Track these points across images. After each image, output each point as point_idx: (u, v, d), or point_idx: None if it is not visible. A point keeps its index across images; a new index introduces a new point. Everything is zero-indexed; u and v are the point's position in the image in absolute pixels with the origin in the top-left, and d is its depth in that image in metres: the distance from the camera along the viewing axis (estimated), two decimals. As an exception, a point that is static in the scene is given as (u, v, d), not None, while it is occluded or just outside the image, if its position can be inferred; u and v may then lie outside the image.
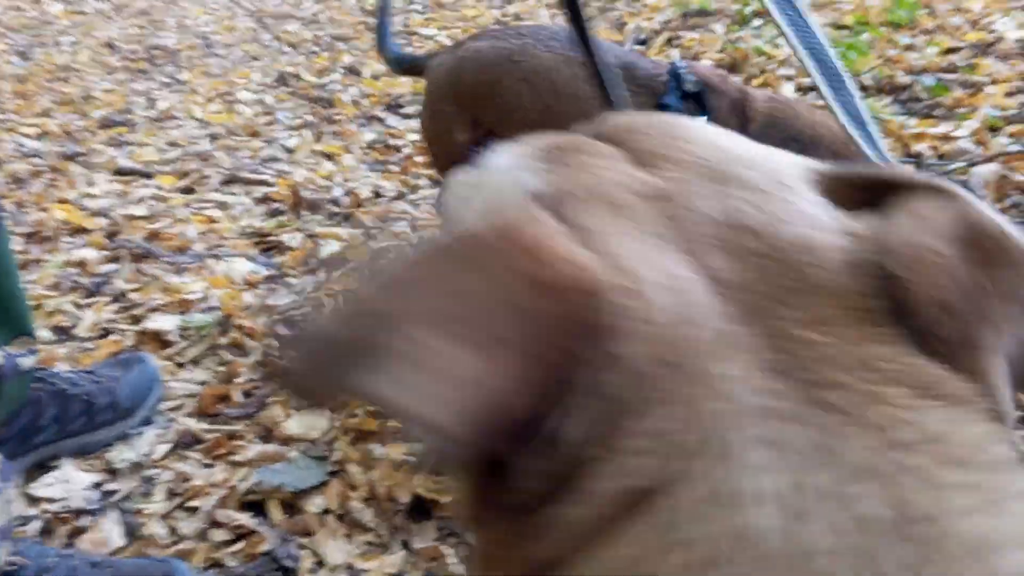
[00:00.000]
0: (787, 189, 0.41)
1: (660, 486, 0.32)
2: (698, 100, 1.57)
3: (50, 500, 1.47)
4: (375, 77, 3.36)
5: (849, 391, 0.33)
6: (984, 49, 2.56)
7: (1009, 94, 2.28)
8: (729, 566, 0.29)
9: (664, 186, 0.40)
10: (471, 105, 1.69)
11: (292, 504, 1.42)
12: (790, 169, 0.43)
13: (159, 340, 1.84)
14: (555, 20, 3.55)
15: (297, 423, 1.57)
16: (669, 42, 3.18)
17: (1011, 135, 2.04)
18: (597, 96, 1.06)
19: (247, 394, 1.67)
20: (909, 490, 0.30)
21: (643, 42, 3.21)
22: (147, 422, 1.62)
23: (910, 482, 0.31)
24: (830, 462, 0.31)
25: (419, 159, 2.58)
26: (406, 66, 1.93)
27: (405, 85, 3.14)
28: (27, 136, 3.08)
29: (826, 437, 0.32)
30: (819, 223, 0.39)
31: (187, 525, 1.41)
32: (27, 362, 1.45)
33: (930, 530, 0.29)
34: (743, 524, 0.30)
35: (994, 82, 2.34)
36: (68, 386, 1.55)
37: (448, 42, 3.34)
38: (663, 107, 1.56)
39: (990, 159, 1.97)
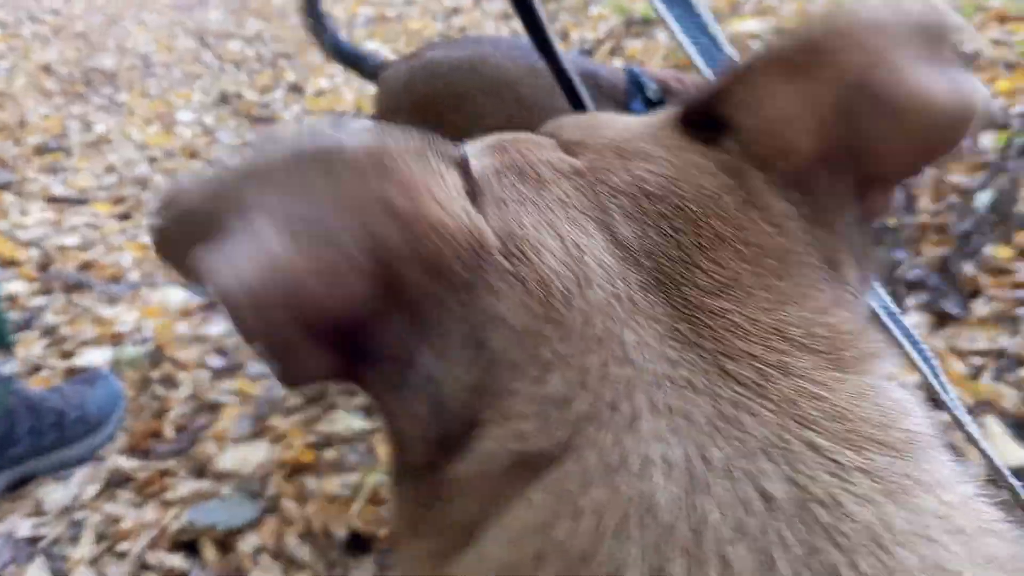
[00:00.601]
0: (675, 150, 0.41)
1: (556, 452, 0.31)
2: (660, 104, 1.56)
3: (-29, 550, 1.40)
4: (319, 94, 3.32)
5: (757, 362, 0.32)
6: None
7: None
8: (625, 537, 0.28)
9: (581, 165, 0.41)
10: (430, 116, 1.65)
11: (225, 543, 1.37)
12: (671, 132, 0.43)
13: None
14: (500, 32, 3.53)
15: (231, 457, 1.52)
16: (613, 52, 3.18)
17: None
18: (561, 106, 1.05)
19: (179, 428, 1.62)
20: (811, 470, 0.29)
21: (588, 52, 3.21)
22: (112, 438, 1.60)
23: (813, 462, 0.29)
24: (733, 436, 0.30)
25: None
26: (347, 58, 1.83)
27: (348, 102, 3.10)
28: (-43, 166, 2.99)
29: (730, 409, 0.31)
30: (707, 171, 0.39)
31: (116, 570, 1.36)
32: (5, 370, 1.46)
33: (828, 516, 0.28)
34: (640, 493, 0.29)
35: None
36: (39, 400, 1.54)
37: (392, 56, 3.31)
38: (630, 112, 1.56)
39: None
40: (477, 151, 0.44)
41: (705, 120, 0.42)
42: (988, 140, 1.98)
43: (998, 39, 2.66)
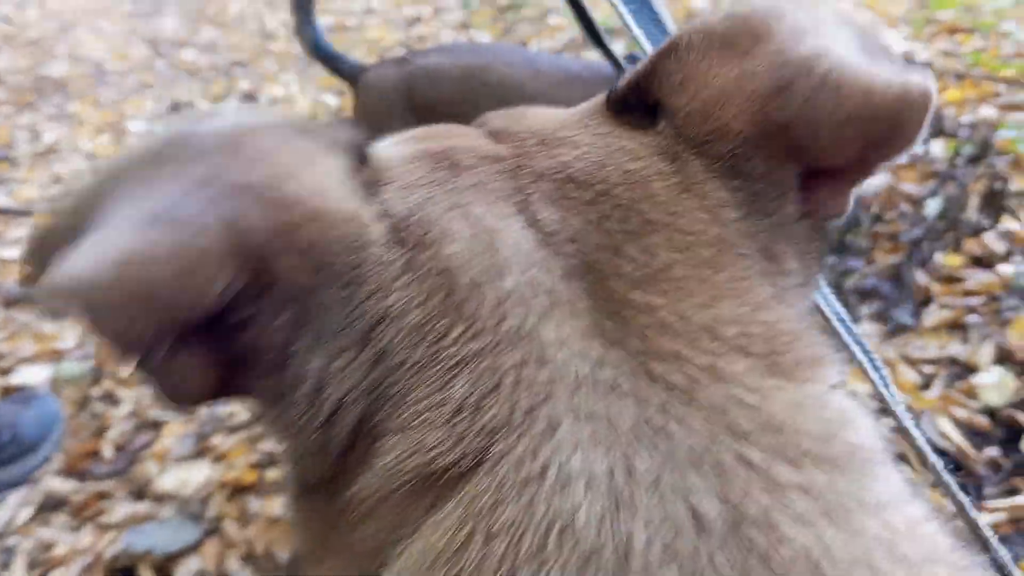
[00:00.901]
0: (604, 136, 0.38)
1: (466, 466, 0.28)
2: None
3: None
4: (273, 102, 3.27)
5: (687, 365, 0.30)
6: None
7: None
8: (543, 561, 0.25)
9: (503, 151, 0.38)
10: (433, 121, 1.62)
11: (164, 568, 1.32)
12: (600, 119, 0.40)
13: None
14: (457, 41, 3.51)
15: (171, 478, 1.47)
16: (571, 61, 3.17)
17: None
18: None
19: (119, 448, 1.57)
20: (745, 487, 0.27)
21: (546, 61, 3.19)
22: (48, 460, 1.53)
23: (747, 477, 0.27)
24: (661, 446, 0.27)
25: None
26: (326, 59, 1.84)
27: (302, 108, 3.06)
28: None
29: (657, 417, 0.28)
30: (638, 156, 0.37)
31: (48, 598, 1.30)
32: None
33: (763, 539, 0.26)
34: (559, 511, 0.26)
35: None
36: None
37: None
38: None
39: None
40: (395, 140, 0.41)
41: (637, 104, 0.39)
42: (938, 149, 2.00)
43: (947, 50, 2.70)
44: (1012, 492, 1.28)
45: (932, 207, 1.75)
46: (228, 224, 0.29)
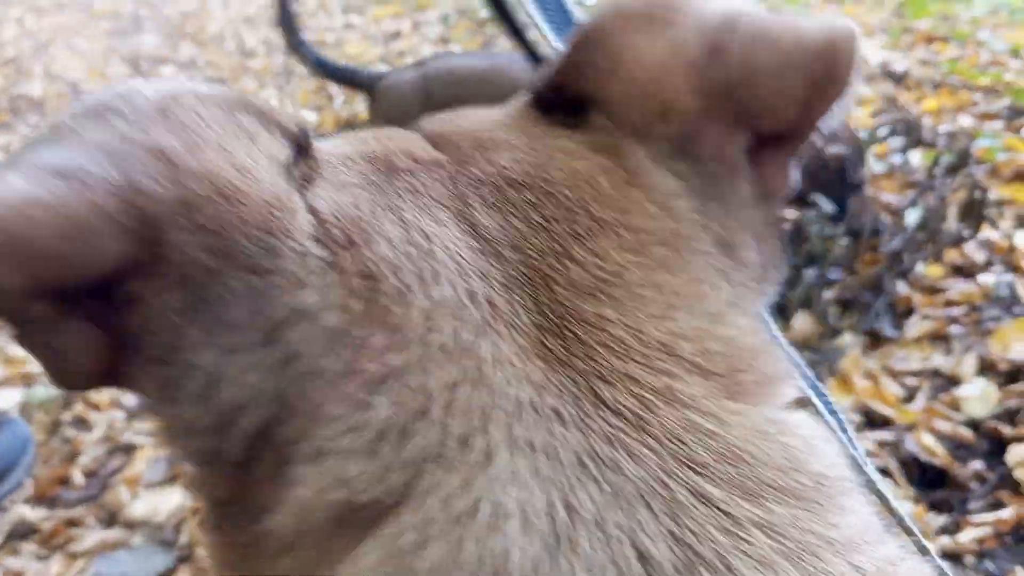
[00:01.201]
0: (538, 137, 0.36)
1: (389, 501, 0.25)
2: None
3: None
4: (252, 120, 3.24)
5: (640, 388, 0.27)
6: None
7: (874, 114, 2.33)
8: None
9: (442, 157, 0.35)
10: None
11: (134, 597, 1.29)
12: (531, 120, 0.38)
13: (-4, 419, 1.68)
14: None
15: (144, 504, 1.43)
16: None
17: (876, 155, 2.07)
18: None
19: (90, 474, 1.53)
20: (699, 525, 0.24)
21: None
22: (19, 486, 1.49)
23: (701, 515, 0.25)
24: (607, 480, 0.25)
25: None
26: (335, 74, 1.92)
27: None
28: None
29: (604, 447, 0.26)
30: (577, 154, 0.34)
31: (14, 631, 1.26)
32: None
33: None
34: (490, 553, 0.23)
35: (859, 103, 2.39)
36: None
37: (332, 82, 3.25)
38: None
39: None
40: (337, 140, 0.39)
41: (560, 103, 0.36)
42: (916, 159, 2.00)
43: (925, 59, 2.71)
44: (997, 506, 1.26)
45: (912, 217, 1.74)
46: (129, 186, 0.26)
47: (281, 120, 0.32)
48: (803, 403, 0.34)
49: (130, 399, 1.71)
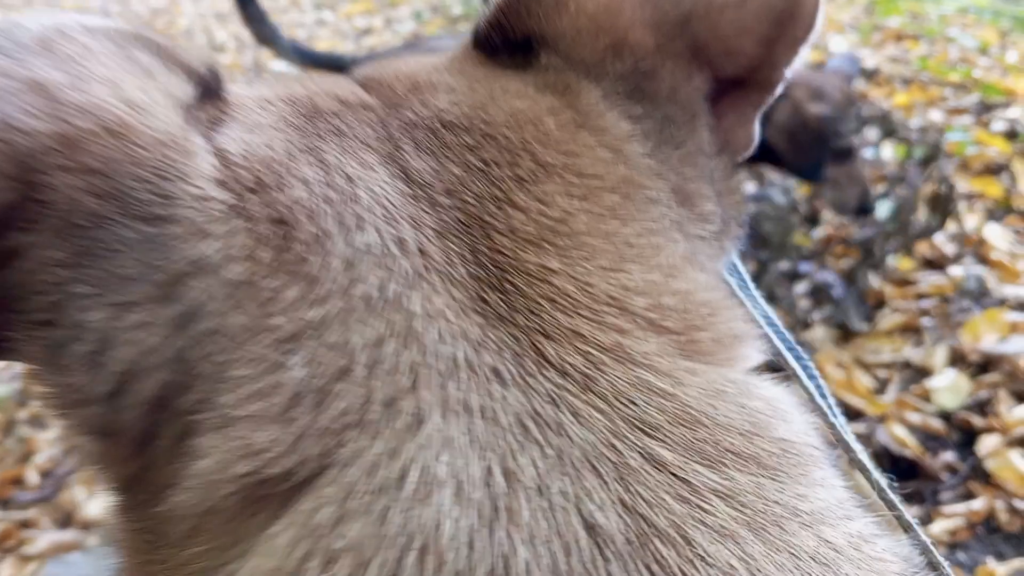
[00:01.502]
0: (482, 79, 0.33)
1: (305, 473, 0.22)
2: None
3: None
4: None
5: (588, 345, 0.25)
6: (819, 68, 2.63)
7: (845, 110, 2.33)
8: None
9: (371, 99, 0.32)
10: None
11: (89, 600, 1.24)
12: (476, 62, 0.35)
13: (-53, 418, 1.63)
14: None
15: (100, 505, 1.39)
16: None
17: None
18: None
19: (44, 474, 1.48)
20: (653, 493, 0.22)
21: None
22: None
23: (656, 482, 0.22)
24: (550, 444, 0.22)
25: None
26: (317, 61, 1.87)
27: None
28: None
29: (548, 409, 0.23)
30: (523, 94, 0.31)
31: (-38, 637, 1.22)
32: None
33: (675, 556, 0.21)
34: (418, 527, 0.21)
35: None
36: None
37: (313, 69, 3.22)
38: None
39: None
40: (258, 84, 0.35)
41: (506, 44, 0.34)
42: (888, 152, 2.00)
43: (895, 56, 2.72)
44: (968, 496, 1.25)
45: (883, 210, 1.74)
46: (11, 128, 0.23)
47: (184, 58, 0.29)
48: (772, 368, 0.31)
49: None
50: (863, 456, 0.41)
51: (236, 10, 1.90)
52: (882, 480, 0.39)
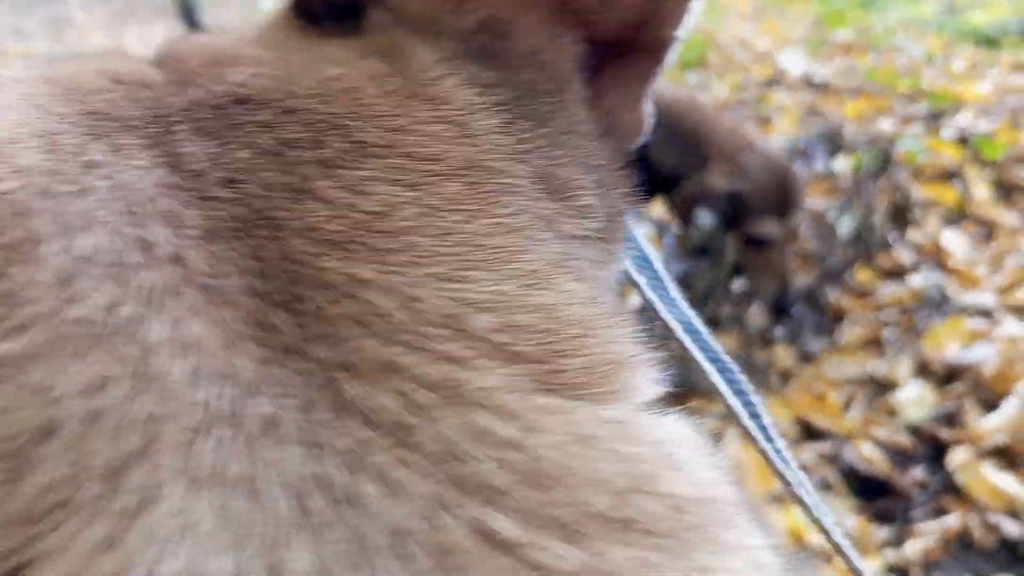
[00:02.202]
0: (295, 50, 0.28)
1: None
2: None
3: None
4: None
5: (406, 381, 0.19)
6: (770, 83, 2.63)
7: (796, 123, 2.32)
8: None
9: (156, 76, 0.26)
10: None
11: None
12: (292, 30, 0.29)
13: None
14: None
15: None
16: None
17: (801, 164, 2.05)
18: None
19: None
20: None
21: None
22: None
23: (494, 569, 0.17)
24: (341, 528, 0.17)
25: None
26: None
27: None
28: None
29: (342, 476, 0.17)
30: (340, 61, 0.26)
31: None
32: None
33: None
34: None
35: (781, 112, 2.38)
36: None
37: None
38: None
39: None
40: (31, 65, 0.30)
41: (329, 10, 0.28)
42: (841, 164, 1.99)
43: (844, 68, 2.73)
44: (941, 513, 1.21)
45: (845, 226, 1.72)
46: None
47: None
48: (675, 401, 0.25)
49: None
50: (806, 492, 0.35)
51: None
52: (836, 531, 0.34)
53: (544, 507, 0.18)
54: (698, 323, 0.36)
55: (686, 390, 0.33)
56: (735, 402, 0.34)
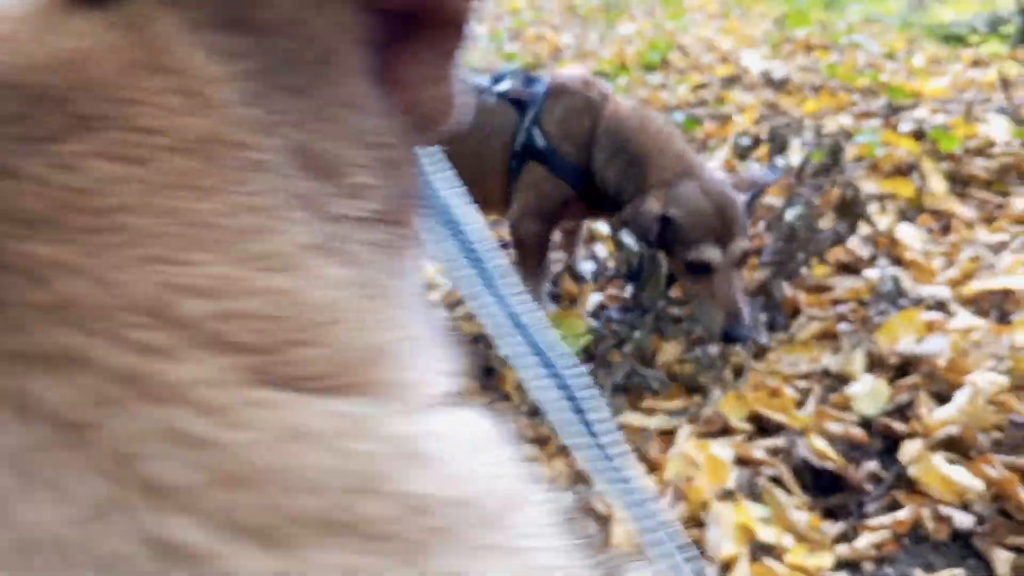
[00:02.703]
0: (51, 29, 0.25)
1: None
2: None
3: None
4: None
5: (88, 374, 0.17)
6: (731, 82, 2.63)
7: (756, 121, 2.32)
8: None
9: None
10: None
11: None
12: (57, 8, 0.27)
13: None
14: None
15: None
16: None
17: (758, 158, 2.05)
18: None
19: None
20: None
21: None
22: None
23: None
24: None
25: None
26: None
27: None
28: None
29: (4, 477, 0.16)
30: (78, 34, 0.23)
31: None
32: None
33: None
34: None
35: (741, 111, 2.38)
36: None
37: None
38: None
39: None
40: None
41: None
42: (796, 160, 1.98)
43: (805, 66, 2.73)
44: (894, 507, 1.20)
45: (787, 217, 1.71)
46: None
47: None
48: (460, 399, 0.23)
49: None
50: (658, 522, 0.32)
51: None
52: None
53: (237, 511, 0.16)
54: (530, 318, 0.34)
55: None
56: (550, 396, 0.32)
